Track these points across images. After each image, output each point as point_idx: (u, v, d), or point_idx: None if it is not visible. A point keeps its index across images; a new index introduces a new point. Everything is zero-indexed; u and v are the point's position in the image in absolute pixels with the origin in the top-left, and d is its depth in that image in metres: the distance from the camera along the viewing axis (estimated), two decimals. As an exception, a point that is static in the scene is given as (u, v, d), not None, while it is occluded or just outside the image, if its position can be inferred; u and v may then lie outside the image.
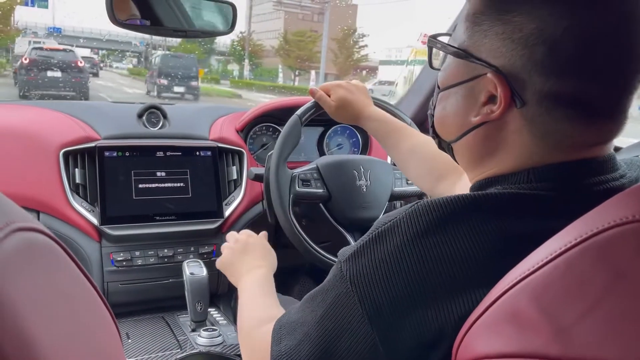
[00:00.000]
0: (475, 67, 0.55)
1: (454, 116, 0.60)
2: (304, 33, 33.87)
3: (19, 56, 14.58)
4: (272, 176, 1.14)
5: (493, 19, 0.53)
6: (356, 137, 1.67)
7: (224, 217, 1.37)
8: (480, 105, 0.55)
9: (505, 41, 0.52)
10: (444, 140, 0.64)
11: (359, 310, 0.52)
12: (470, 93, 0.57)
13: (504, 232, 0.50)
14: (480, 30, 0.54)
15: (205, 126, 1.47)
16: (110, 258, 1.27)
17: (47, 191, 1.23)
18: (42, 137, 1.27)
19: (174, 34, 1.09)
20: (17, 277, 0.29)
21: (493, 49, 0.53)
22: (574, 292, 0.38)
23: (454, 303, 0.49)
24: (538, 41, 0.50)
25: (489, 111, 0.55)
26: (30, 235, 0.31)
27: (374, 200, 1.26)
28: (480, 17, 0.54)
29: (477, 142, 0.58)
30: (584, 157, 0.53)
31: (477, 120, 0.56)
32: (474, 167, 0.61)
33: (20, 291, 0.29)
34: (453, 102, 0.60)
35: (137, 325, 1.27)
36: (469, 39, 0.56)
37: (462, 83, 0.58)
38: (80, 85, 13.40)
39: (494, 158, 0.57)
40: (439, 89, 0.63)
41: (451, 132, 0.61)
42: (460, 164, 0.64)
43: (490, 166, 0.58)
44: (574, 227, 0.41)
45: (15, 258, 0.29)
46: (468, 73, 0.57)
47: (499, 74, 0.52)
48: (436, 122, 0.65)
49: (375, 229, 0.54)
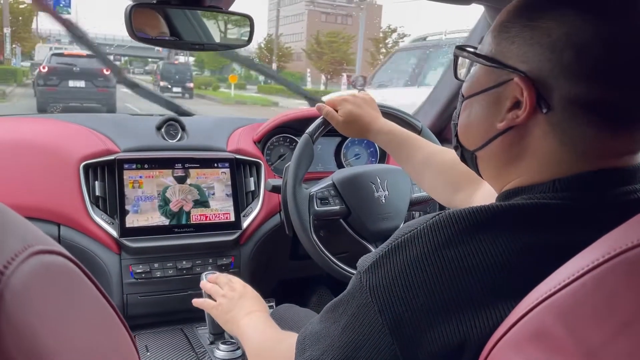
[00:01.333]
0: (502, 73, 0.55)
1: (478, 123, 0.60)
2: (337, 33, 32.86)
3: (39, 64, 12.84)
4: (290, 198, 1.14)
5: (521, 26, 0.53)
6: (373, 146, 1.67)
7: (242, 228, 1.37)
8: (506, 110, 0.55)
9: (533, 46, 0.52)
10: (467, 149, 0.64)
11: (379, 321, 0.51)
12: (496, 99, 0.57)
13: (528, 244, 0.49)
14: (508, 37, 0.55)
15: (223, 138, 1.48)
16: (130, 270, 1.28)
17: (67, 204, 1.24)
18: (63, 151, 1.29)
19: (192, 47, 1.10)
20: (36, 300, 0.29)
21: (520, 54, 0.53)
22: (603, 312, 0.37)
23: (477, 316, 0.48)
24: (566, 45, 0.49)
25: (514, 116, 0.54)
26: (48, 258, 0.31)
27: (394, 210, 1.25)
28: (508, 25, 0.55)
29: (502, 149, 0.57)
30: (612, 166, 0.52)
31: (502, 125, 0.55)
32: (499, 176, 0.60)
33: (39, 314, 0.29)
34: (478, 109, 0.60)
35: (156, 337, 1.28)
36: (496, 47, 0.56)
37: (487, 90, 0.58)
38: (106, 96, 11.68)
39: (519, 166, 0.56)
40: (463, 98, 0.63)
41: (476, 139, 0.61)
42: (485, 173, 0.63)
43: (517, 174, 0.57)
44: (603, 242, 0.39)
45: (34, 281, 0.29)
46: (494, 80, 0.56)
47: (526, 78, 0.52)
48: (460, 130, 0.64)
49: (395, 239, 0.54)
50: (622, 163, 0.53)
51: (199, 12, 1.09)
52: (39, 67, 11.97)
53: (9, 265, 0.27)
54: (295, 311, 1.20)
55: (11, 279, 0.27)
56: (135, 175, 1.31)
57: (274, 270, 1.56)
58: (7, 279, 0.27)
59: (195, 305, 1.05)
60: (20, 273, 0.28)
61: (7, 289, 0.26)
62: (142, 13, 1.03)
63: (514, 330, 0.43)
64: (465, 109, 0.62)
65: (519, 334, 0.42)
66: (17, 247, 0.29)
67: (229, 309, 0.96)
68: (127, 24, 1.00)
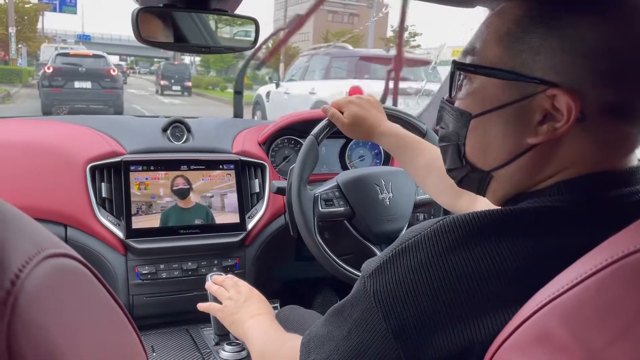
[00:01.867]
0: (526, 86, 0.52)
1: (500, 141, 0.56)
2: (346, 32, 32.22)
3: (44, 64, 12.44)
4: (295, 200, 1.14)
5: (543, 34, 0.51)
6: (378, 148, 1.67)
7: (247, 230, 1.38)
8: (536, 124, 0.53)
9: (564, 55, 0.50)
10: (480, 170, 0.60)
11: (383, 326, 0.51)
12: (520, 114, 0.54)
13: (532, 248, 0.49)
14: (530, 48, 0.52)
15: (228, 139, 1.49)
16: (136, 271, 1.29)
17: (74, 205, 1.26)
18: (70, 152, 1.30)
19: (197, 50, 1.11)
20: (49, 302, 0.30)
21: (550, 65, 0.51)
22: (605, 315, 0.37)
23: (481, 321, 0.48)
24: (602, 52, 0.49)
25: (551, 128, 0.52)
26: (60, 261, 0.32)
27: (398, 212, 1.25)
28: (524, 35, 0.53)
29: (531, 164, 0.55)
30: (615, 167, 0.53)
31: (536, 140, 0.53)
32: (510, 190, 0.58)
33: (52, 315, 0.30)
34: (497, 126, 0.56)
35: (161, 337, 1.29)
36: (513, 59, 0.53)
37: (507, 105, 0.54)
38: (113, 98, 11.29)
39: (537, 176, 0.56)
40: (471, 116, 0.59)
41: (495, 158, 0.58)
42: (495, 192, 0.60)
43: (531, 184, 0.56)
44: (605, 247, 0.40)
45: (47, 284, 0.30)
46: (516, 94, 0.54)
47: (564, 89, 0.50)
48: (472, 152, 0.60)
49: (399, 244, 0.54)
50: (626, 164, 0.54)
51: (205, 15, 1.10)
52: (44, 67, 11.58)
53: (24, 268, 0.28)
54: (300, 312, 1.20)
55: (25, 282, 0.28)
56: (142, 177, 1.31)
57: (279, 271, 1.57)
58: (22, 282, 0.27)
59: (201, 309, 1.05)
60: (34, 276, 0.29)
61: (22, 291, 0.27)
62: (148, 16, 1.04)
63: (518, 333, 0.43)
64: (476, 127, 0.58)
65: (522, 336, 0.43)
66: (31, 251, 0.30)
67: (234, 311, 0.97)
68: (134, 27, 1.01)
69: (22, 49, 21.19)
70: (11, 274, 0.27)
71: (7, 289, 0.26)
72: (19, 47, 20.37)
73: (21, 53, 20.84)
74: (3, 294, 0.26)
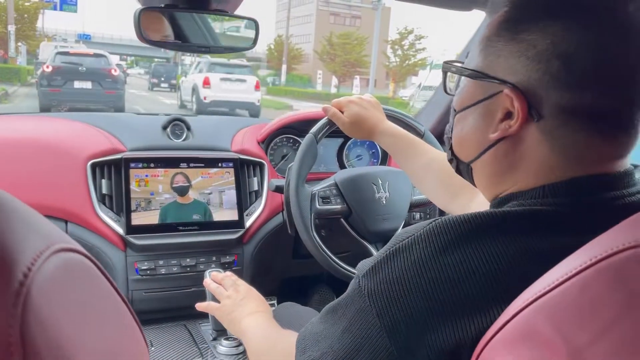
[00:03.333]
0: (491, 85, 0.57)
1: (472, 135, 0.61)
2: (350, 35, 32.06)
3: (43, 63, 12.05)
4: (293, 196, 1.16)
5: (507, 39, 0.55)
6: (375, 148, 1.69)
7: (245, 227, 1.40)
8: (498, 121, 0.57)
9: (520, 58, 0.53)
10: (462, 161, 0.65)
11: (377, 325, 0.53)
12: (487, 111, 0.58)
13: (520, 249, 0.51)
14: (495, 51, 0.56)
15: (227, 138, 1.50)
16: (135, 267, 1.30)
17: (75, 201, 1.27)
18: (71, 149, 1.31)
19: (198, 49, 1.13)
20: (58, 295, 0.31)
21: (508, 67, 0.55)
22: (589, 313, 0.38)
23: (471, 320, 0.50)
24: (552, 56, 0.51)
25: (507, 126, 0.56)
26: (68, 256, 0.34)
27: (394, 211, 1.27)
28: (494, 38, 0.57)
29: (496, 159, 0.59)
30: (601, 171, 0.54)
31: (495, 136, 0.57)
32: (493, 185, 0.62)
33: (62, 307, 0.31)
34: (470, 122, 0.61)
35: (160, 332, 1.30)
36: (483, 60, 0.58)
37: (478, 103, 0.59)
38: (114, 98, 11.02)
39: (513, 174, 0.58)
40: (455, 112, 0.64)
41: (470, 151, 0.63)
42: (480, 184, 0.65)
43: (511, 182, 0.58)
44: (589, 247, 0.41)
45: (56, 277, 0.31)
46: (484, 92, 0.58)
47: (515, 90, 0.54)
48: (454, 143, 0.66)
49: (393, 244, 0.55)
50: (610, 168, 0.54)
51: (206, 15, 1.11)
52: (43, 66, 11.21)
53: (35, 262, 0.30)
54: (297, 310, 1.22)
55: (37, 275, 0.29)
56: (142, 174, 1.33)
57: (276, 268, 1.58)
58: (33, 275, 0.29)
59: (199, 309, 1.06)
60: (44, 270, 0.30)
61: (34, 284, 0.29)
62: (150, 16, 1.06)
63: (505, 330, 0.45)
64: (458, 122, 0.64)
65: (509, 333, 0.44)
66: (41, 246, 0.31)
67: (232, 309, 0.98)
68: (136, 27, 1.02)
69: (21, 47, 21.09)
70: (24, 267, 0.29)
71: (21, 281, 0.28)
72: (18, 45, 20.27)
73: (20, 51, 20.72)
74: (16, 286, 0.28)
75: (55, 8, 23.69)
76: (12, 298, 0.27)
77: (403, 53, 28.16)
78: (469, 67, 0.60)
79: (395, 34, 28.59)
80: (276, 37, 35.36)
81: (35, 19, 24.16)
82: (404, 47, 28.10)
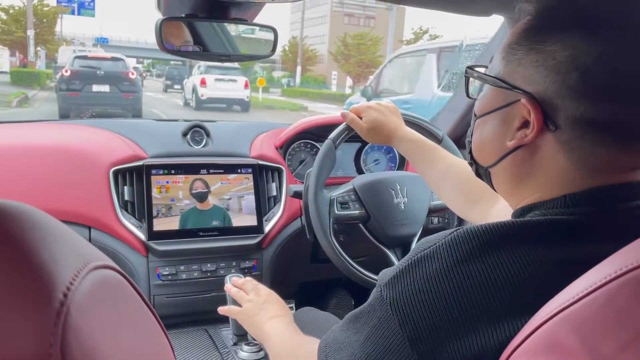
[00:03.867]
0: (510, 93, 0.57)
1: (490, 141, 0.62)
2: (365, 35, 31.90)
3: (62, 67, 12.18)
4: (312, 202, 1.17)
5: (527, 49, 0.55)
6: (393, 152, 1.69)
7: (264, 232, 1.41)
8: (515, 130, 0.57)
9: (538, 68, 0.54)
10: (481, 166, 0.66)
11: (399, 334, 0.53)
12: (505, 118, 0.59)
13: (542, 259, 0.51)
14: (515, 59, 0.57)
15: (246, 143, 1.52)
16: (157, 272, 1.32)
17: (98, 208, 1.29)
18: (94, 156, 1.34)
19: (218, 58, 1.14)
20: (95, 312, 0.32)
21: (527, 76, 0.55)
22: (614, 325, 0.38)
23: (494, 329, 0.50)
24: (570, 68, 0.51)
25: (523, 135, 0.56)
26: (103, 273, 0.35)
27: (412, 216, 1.27)
28: (515, 47, 0.57)
29: (514, 167, 0.60)
30: (621, 181, 0.54)
31: (512, 144, 0.58)
32: (512, 193, 0.62)
33: (98, 323, 0.33)
34: (489, 128, 0.62)
35: (181, 337, 1.32)
36: (504, 68, 0.59)
37: (497, 109, 0.60)
38: (131, 102, 11.07)
39: (532, 183, 0.58)
40: (476, 117, 0.65)
41: (489, 157, 0.63)
42: (499, 189, 0.65)
43: (531, 191, 0.59)
44: (615, 258, 0.41)
45: (93, 295, 0.33)
46: (503, 100, 0.59)
47: (532, 99, 0.54)
48: (474, 148, 0.67)
49: (414, 253, 0.56)
50: (631, 178, 0.54)
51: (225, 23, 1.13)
52: (62, 70, 11.32)
53: (74, 281, 0.31)
54: (316, 315, 1.22)
55: (75, 294, 0.30)
56: (162, 181, 1.35)
57: (295, 273, 1.59)
58: (72, 294, 0.30)
59: (221, 313, 1.08)
60: (82, 288, 0.31)
61: (73, 303, 0.30)
62: (171, 26, 1.08)
63: (529, 341, 0.45)
64: (478, 127, 0.65)
65: (533, 344, 0.44)
66: (79, 264, 0.32)
67: (254, 312, 0.99)
68: (158, 37, 1.04)
69: (40, 51, 21.45)
70: (63, 287, 0.30)
71: (61, 300, 0.29)
72: (37, 50, 20.63)
73: (40, 56, 21.10)
74: (57, 305, 0.29)
75: (74, 12, 24.02)
76: (53, 317, 0.29)
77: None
78: (491, 73, 0.61)
79: (410, 33, 28.40)
80: (290, 39, 35.41)
81: (54, 24, 24.53)
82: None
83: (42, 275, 0.30)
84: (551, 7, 0.55)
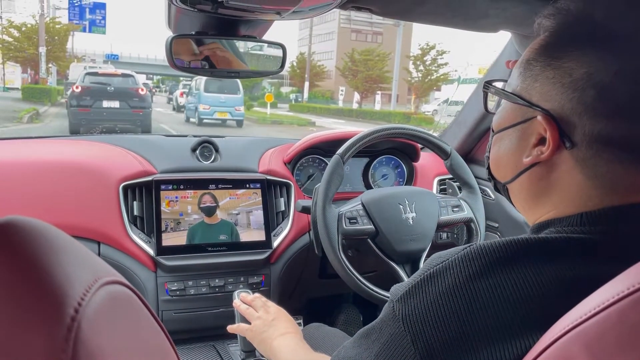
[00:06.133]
0: (527, 110, 0.57)
1: (507, 157, 0.62)
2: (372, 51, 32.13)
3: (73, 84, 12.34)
4: (320, 217, 1.17)
5: (544, 65, 0.55)
6: (401, 167, 1.69)
7: (273, 247, 1.41)
8: (532, 146, 0.57)
9: (555, 85, 0.54)
10: (499, 181, 0.66)
11: (412, 350, 0.53)
12: (522, 135, 0.59)
13: (556, 276, 0.50)
14: (532, 75, 0.57)
15: (254, 159, 1.52)
16: (165, 287, 1.32)
17: (107, 223, 1.30)
18: (104, 172, 1.35)
19: (227, 75, 1.15)
20: (105, 326, 0.33)
21: (543, 93, 0.55)
22: (626, 343, 0.38)
23: (506, 346, 0.49)
24: (587, 85, 0.51)
25: (539, 152, 0.56)
26: (114, 288, 0.35)
27: (421, 232, 1.27)
28: (533, 62, 0.57)
29: (530, 183, 0.59)
30: (636, 200, 0.53)
31: (528, 161, 0.58)
32: (530, 209, 0.62)
33: (109, 338, 0.33)
34: (507, 144, 0.62)
35: (189, 353, 1.32)
36: (521, 84, 0.59)
37: (514, 125, 0.60)
38: (141, 117, 11.19)
39: (549, 200, 0.58)
40: (494, 132, 0.65)
41: (506, 173, 0.63)
42: (517, 205, 0.65)
43: (548, 208, 0.58)
44: (626, 276, 0.41)
45: (104, 310, 0.33)
46: (521, 116, 0.59)
47: (548, 116, 0.54)
48: (492, 163, 0.66)
49: (427, 269, 0.56)
50: None
51: (234, 41, 1.14)
52: (73, 86, 11.47)
53: (85, 297, 0.31)
54: (325, 331, 1.22)
55: (86, 309, 0.31)
56: (172, 196, 1.36)
57: (303, 288, 1.59)
58: (84, 309, 0.30)
59: (231, 331, 1.07)
60: (93, 303, 0.32)
61: (84, 318, 0.30)
62: (181, 43, 1.09)
63: (542, 358, 0.44)
64: (495, 142, 0.65)
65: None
66: (90, 280, 0.33)
67: (263, 329, 0.98)
68: (168, 54, 1.05)
69: (52, 68, 21.75)
70: (74, 302, 0.30)
71: (72, 316, 0.30)
72: (49, 66, 20.93)
73: (51, 72, 21.39)
74: (68, 320, 0.29)
75: (85, 30, 24.36)
76: (64, 332, 0.29)
77: (425, 68, 27.80)
78: (509, 89, 0.61)
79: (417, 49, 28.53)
80: (298, 55, 35.72)
81: (65, 41, 24.88)
82: (425, 63, 27.76)
83: (53, 290, 0.30)
84: (568, 24, 0.55)
